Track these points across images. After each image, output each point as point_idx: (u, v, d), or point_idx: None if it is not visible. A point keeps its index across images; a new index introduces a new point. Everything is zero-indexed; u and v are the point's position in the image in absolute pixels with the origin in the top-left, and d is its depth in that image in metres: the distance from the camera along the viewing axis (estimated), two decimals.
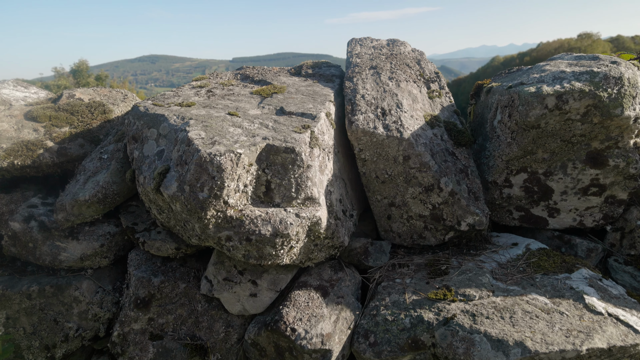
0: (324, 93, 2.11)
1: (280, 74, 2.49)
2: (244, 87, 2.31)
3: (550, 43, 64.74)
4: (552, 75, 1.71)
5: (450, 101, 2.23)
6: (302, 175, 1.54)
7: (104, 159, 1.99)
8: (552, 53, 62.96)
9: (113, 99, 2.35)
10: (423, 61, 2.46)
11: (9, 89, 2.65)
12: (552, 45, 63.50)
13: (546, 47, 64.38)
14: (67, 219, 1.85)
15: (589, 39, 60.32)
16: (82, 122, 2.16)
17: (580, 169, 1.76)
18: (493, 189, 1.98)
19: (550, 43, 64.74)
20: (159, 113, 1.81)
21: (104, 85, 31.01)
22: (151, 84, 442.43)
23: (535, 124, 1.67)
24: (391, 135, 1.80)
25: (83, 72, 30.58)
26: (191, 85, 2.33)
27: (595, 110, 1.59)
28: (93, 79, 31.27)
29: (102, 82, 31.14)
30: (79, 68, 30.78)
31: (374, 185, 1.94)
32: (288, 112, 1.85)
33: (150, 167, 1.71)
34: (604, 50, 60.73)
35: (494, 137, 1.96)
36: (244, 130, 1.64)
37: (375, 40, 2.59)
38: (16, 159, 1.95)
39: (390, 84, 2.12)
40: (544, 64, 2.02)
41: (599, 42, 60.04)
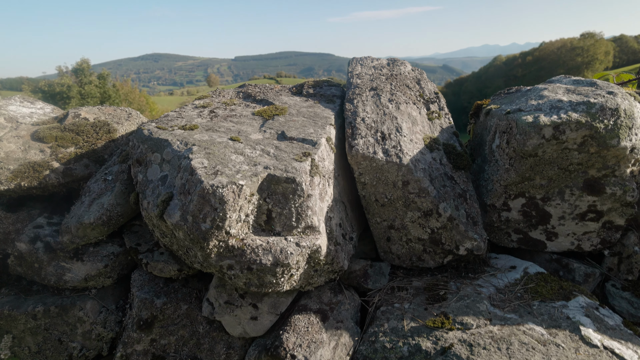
0: (324, 115, 2.14)
1: (281, 93, 2.51)
2: (246, 107, 2.34)
3: (553, 42, 64.48)
4: (550, 104, 1.73)
5: (449, 122, 2.25)
6: (303, 204, 1.57)
7: (109, 180, 2.02)
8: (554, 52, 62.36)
9: (117, 118, 2.39)
10: (423, 81, 2.48)
11: (16, 105, 2.69)
12: (554, 45, 63.26)
13: (549, 46, 64.14)
14: (72, 241, 1.89)
15: (592, 39, 60.04)
16: (87, 142, 2.20)
17: (578, 195, 1.78)
18: (491, 211, 2.00)
19: (553, 42, 64.48)
20: (162, 138, 1.84)
21: (106, 83, 31.11)
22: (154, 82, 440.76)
23: (532, 153, 1.69)
24: (390, 160, 1.82)
25: (85, 70, 30.74)
26: (194, 104, 2.36)
27: (592, 141, 1.61)
28: (95, 77, 31.41)
29: (104, 80, 31.26)
30: (80, 67, 30.93)
31: (374, 208, 1.97)
32: (289, 137, 1.87)
33: (154, 193, 1.74)
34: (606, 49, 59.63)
35: (493, 160, 1.98)
36: (245, 158, 1.67)
37: (376, 59, 2.61)
38: (23, 180, 1.99)
39: (390, 106, 2.14)
40: (542, 88, 2.04)
41: (602, 41, 59.78)
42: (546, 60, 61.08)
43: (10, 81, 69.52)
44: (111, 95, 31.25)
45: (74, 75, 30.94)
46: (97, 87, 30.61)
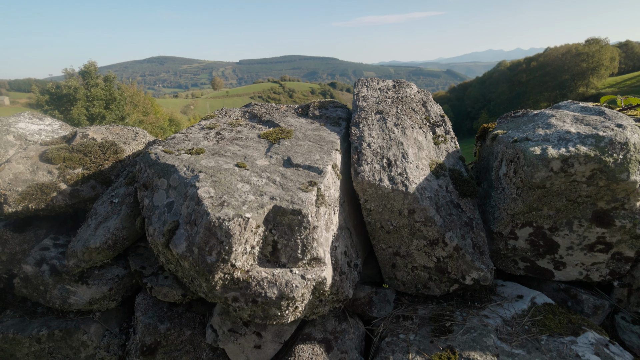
0: (330, 139, 2.14)
1: (287, 114, 2.52)
2: (252, 129, 2.35)
3: (558, 48, 64.35)
4: (558, 135, 1.72)
5: (455, 146, 2.24)
6: (309, 236, 1.56)
7: (115, 203, 2.03)
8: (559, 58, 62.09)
9: (125, 138, 2.40)
10: (429, 103, 2.48)
11: (25, 122, 2.71)
12: (559, 51, 63.11)
13: (553, 52, 64.00)
14: (78, 265, 1.89)
15: (597, 45, 59.85)
16: (95, 162, 2.21)
17: (587, 227, 1.76)
18: (498, 239, 1.99)
19: (558, 48, 64.35)
20: (169, 163, 1.85)
21: (112, 85, 31.39)
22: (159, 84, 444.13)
23: (540, 185, 1.68)
24: (396, 189, 1.81)
25: (92, 73, 31.04)
26: (200, 125, 2.36)
27: (600, 174, 1.59)
28: (101, 79, 31.71)
29: (110, 83, 31.56)
30: (88, 69, 31.25)
31: (379, 235, 1.96)
32: (295, 164, 1.87)
33: (160, 219, 1.74)
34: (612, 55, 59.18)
35: (499, 187, 1.97)
36: (252, 187, 1.67)
37: (382, 81, 2.61)
38: (31, 202, 2.00)
39: (396, 130, 2.14)
40: (549, 114, 2.03)
41: (607, 47, 59.56)
42: (551, 66, 60.85)
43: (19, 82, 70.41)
44: (117, 98, 31.50)
45: (81, 77, 31.25)
46: (103, 89, 30.88)
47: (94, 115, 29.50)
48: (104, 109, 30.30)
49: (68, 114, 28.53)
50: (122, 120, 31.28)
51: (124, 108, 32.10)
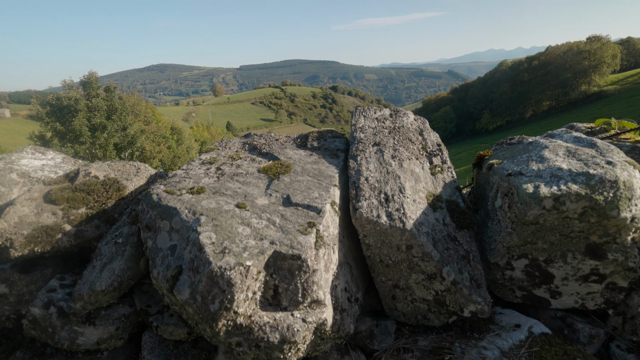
0: (328, 174, 2.18)
1: (286, 145, 2.57)
2: (251, 162, 2.40)
3: (559, 46, 64.28)
4: (550, 172, 1.76)
5: (452, 176, 2.28)
6: (309, 280, 1.60)
7: (119, 243, 2.08)
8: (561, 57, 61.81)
9: (127, 174, 2.45)
10: (425, 131, 2.52)
11: (28, 158, 2.78)
12: (560, 49, 63.04)
13: (554, 50, 63.94)
14: (84, 307, 1.94)
15: (599, 42, 59.76)
16: (98, 201, 2.26)
17: (580, 259, 1.80)
18: (495, 269, 2.02)
19: (559, 46, 64.28)
20: (171, 206, 1.90)
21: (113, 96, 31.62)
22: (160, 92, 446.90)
23: (534, 221, 1.72)
24: (394, 225, 1.86)
25: (93, 84, 31.26)
26: (201, 160, 2.42)
27: (592, 212, 1.63)
28: (102, 90, 31.95)
29: (111, 93, 31.78)
30: (88, 80, 31.48)
31: (378, 268, 2.00)
32: (294, 203, 1.92)
33: (163, 263, 1.79)
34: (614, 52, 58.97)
35: (495, 219, 2.01)
36: (252, 230, 1.71)
37: (379, 110, 2.66)
38: (36, 245, 2.05)
39: (394, 163, 2.18)
40: (543, 145, 2.06)
41: (609, 44, 59.46)
42: (552, 64, 60.74)
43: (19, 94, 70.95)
44: (118, 109, 31.66)
45: (82, 88, 31.48)
46: (104, 100, 31.09)
47: (96, 125, 29.67)
48: (105, 119, 30.49)
49: (70, 126, 28.75)
50: (123, 130, 31.45)
51: (125, 118, 32.29)
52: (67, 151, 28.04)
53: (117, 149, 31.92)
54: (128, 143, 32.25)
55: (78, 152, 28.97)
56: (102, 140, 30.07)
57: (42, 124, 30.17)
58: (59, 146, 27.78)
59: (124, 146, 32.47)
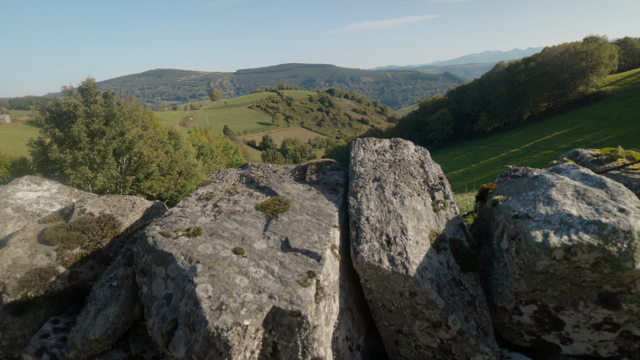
0: (328, 212, 2.12)
1: (284, 178, 2.50)
2: (249, 197, 2.33)
3: (556, 47, 64.48)
4: (559, 218, 1.70)
5: (455, 213, 2.22)
6: (309, 337, 1.54)
7: (114, 286, 2.01)
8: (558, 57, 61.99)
9: (122, 210, 2.39)
10: (427, 163, 2.46)
11: (23, 190, 2.71)
12: (557, 50, 63.24)
13: (551, 51, 64.13)
14: (77, 357, 1.87)
15: (596, 43, 59.94)
16: (93, 240, 2.20)
17: (592, 308, 1.73)
18: (502, 313, 1.96)
19: (556, 47, 64.48)
20: (167, 251, 1.83)
21: (111, 101, 31.60)
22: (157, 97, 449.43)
23: (543, 271, 1.66)
24: (397, 271, 1.79)
25: (91, 90, 31.28)
26: (197, 195, 2.35)
27: (605, 263, 1.57)
28: (101, 96, 31.95)
29: (109, 99, 31.78)
30: (87, 87, 31.51)
31: (381, 312, 1.93)
32: (293, 248, 1.85)
33: (158, 313, 1.73)
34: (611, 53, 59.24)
35: (502, 261, 1.94)
36: (250, 281, 1.65)
37: (379, 141, 2.60)
38: (29, 290, 1.99)
39: (395, 201, 2.12)
40: (550, 182, 2.00)
41: (606, 45, 59.64)
42: (549, 65, 60.82)
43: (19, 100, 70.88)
44: (116, 114, 31.64)
45: (81, 94, 31.46)
46: (103, 106, 31.07)
47: (94, 131, 29.65)
48: (103, 125, 30.47)
49: (69, 131, 28.71)
50: (121, 136, 31.43)
51: (123, 124, 32.27)
52: (65, 157, 28.01)
53: (115, 154, 31.88)
54: (126, 148, 32.23)
55: (77, 158, 28.94)
56: (101, 146, 30.04)
57: (42, 130, 30.16)
58: (58, 152, 27.73)
59: (121, 151, 32.44)
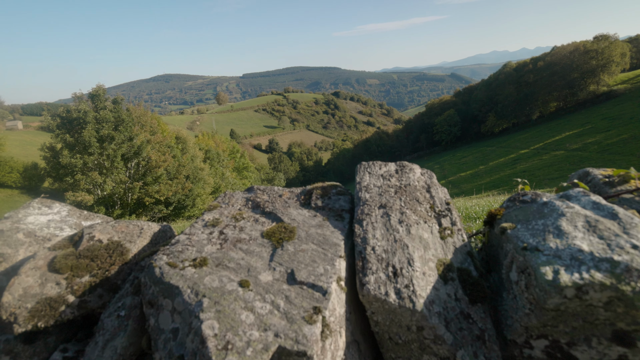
0: (334, 241, 2.11)
1: (289, 203, 2.50)
2: (255, 223, 2.34)
3: (565, 46, 63.55)
4: (570, 253, 1.66)
5: (462, 240, 2.19)
6: None
7: (122, 316, 2.03)
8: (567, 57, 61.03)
9: (130, 236, 2.41)
10: (433, 187, 2.44)
11: (34, 214, 2.76)
12: (566, 49, 62.31)
13: (561, 50, 63.22)
14: None
15: (606, 41, 58.89)
16: (101, 268, 2.22)
17: (606, 345, 1.69)
18: (512, 346, 1.92)
19: (565, 46, 63.55)
20: (173, 284, 1.84)
21: (120, 107, 32.11)
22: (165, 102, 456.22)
23: (554, 309, 1.62)
24: (403, 305, 1.77)
25: (100, 96, 31.89)
26: (204, 221, 2.36)
27: (618, 302, 1.53)
28: (110, 102, 32.52)
29: (119, 105, 32.33)
30: (96, 93, 32.12)
31: (388, 345, 1.91)
32: (299, 281, 1.85)
33: (165, 347, 1.74)
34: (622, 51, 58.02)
35: (511, 292, 1.91)
36: (256, 318, 1.65)
37: (384, 165, 2.58)
38: (40, 320, 2.01)
39: (401, 229, 2.10)
40: (560, 210, 1.96)
41: (617, 43, 58.56)
42: (559, 64, 59.92)
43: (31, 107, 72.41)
44: (125, 120, 32.17)
45: (90, 100, 32.07)
46: (112, 111, 31.60)
47: (104, 137, 30.18)
48: (113, 130, 30.99)
49: (79, 137, 29.26)
50: (130, 141, 31.92)
51: (132, 129, 32.77)
52: (76, 162, 28.51)
53: (123, 159, 32.38)
54: (134, 153, 32.73)
55: (87, 163, 29.42)
56: (111, 151, 30.53)
57: (53, 136, 30.79)
58: (69, 157, 28.25)
59: (130, 156, 32.93)
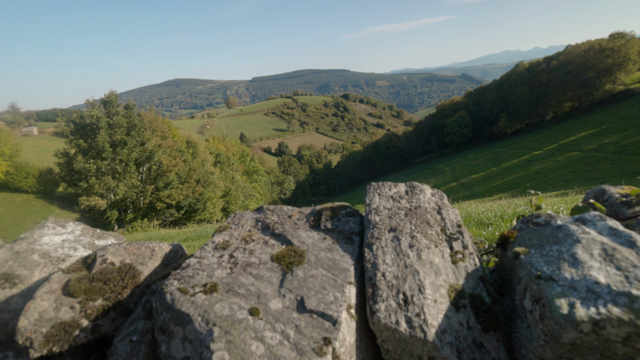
0: (343, 266, 2.10)
1: (299, 224, 2.50)
2: (264, 245, 2.34)
3: (579, 45, 62.26)
4: (586, 285, 1.62)
5: (474, 264, 2.16)
6: None
7: (134, 341, 2.05)
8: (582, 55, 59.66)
9: (142, 258, 2.45)
10: (444, 208, 2.41)
11: (49, 234, 2.82)
12: (581, 47, 61.06)
13: (575, 49, 61.97)
14: None
15: (622, 39, 57.50)
16: (114, 292, 2.26)
17: None
18: None
19: (579, 45, 62.26)
20: (184, 312, 1.86)
21: (132, 113, 32.71)
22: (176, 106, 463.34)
23: (570, 343, 1.58)
24: (414, 335, 1.75)
25: (113, 102, 32.61)
26: (214, 243, 2.38)
27: (637, 337, 1.49)
28: (122, 107, 33.22)
29: (130, 110, 32.98)
30: (109, 99, 32.86)
31: None
32: (309, 309, 1.84)
33: None
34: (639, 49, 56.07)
35: (525, 320, 1.87)
36: (266, 349, 1.65)
37: (394, 186, 2.57)
38: (54, 345, 2.05)
39: (411, 254, 2.08)
40: (575, 236, 1.92)
41: (634, 40, 57.08)
42: (573, 64, 58.71)
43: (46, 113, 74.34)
44: (136, 125, 32.78)
45: (103, 106, 32.81)
46: (124, 117, 32.23)
47: (116, 142, 30.81)
48: (125, 135, 31.60)
49: (93, 142, 29.92)
50: (142, 146, 32.49)
51: (143, 134, 33.34)
52: (89, 167, 29.10)
53: (136, 163, 32.92)
54: (146, 158, 33.27)
55: (100, 168, 29.98)
56: (124, 156, 31.08)
57: (67, 141, 31.52)
58: (83, 162, 28.87)
59: (142, 161, 33.47)
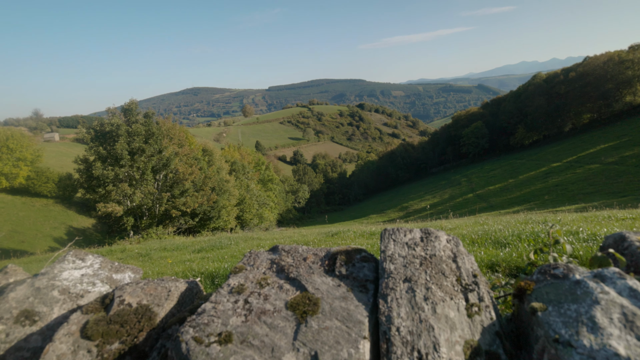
0: (357, 318, 2.10)
1: (314, 268, 2.52)
2: (279, 290, 2.37)
3: (598, 57, 61.05)
4: (605, 356, 1.58)
5: (491, 319, 2.12)
6: None
7: None
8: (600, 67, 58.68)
9: (158, 298, 2.50)
10: (459, 257, 2.39)
11: (69, 268, 2.91)
12: (600, 59, 59.86)
13: (593, 61, 60.78)
14: None
15: None
16: (130, 335, 2.31)
17: None
18: None
19: (598, 57, 61.05)
20: None
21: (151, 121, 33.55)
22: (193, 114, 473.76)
23: None
24: None
25: (133, 110, 33.60)
26: (229, 287, 2.42)
27: None
28: (141, 116, 34.17)
29: (149, 118, 33.87)
30: (129, 107, 33.88)
31: None
32: None
33: None
34: None
35: None
36: None
37: (409, 232, 2.56)
38: None
39: (426, 308, 2.07)
40: (594, 294, 1.87)
41: None
42: (592, 75, 57.47)
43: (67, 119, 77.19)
44: (155, 133, 33.58)
45: (123, 114, 33.84)
46: (143, 125, 33.10)
47: (134, 149, 31.62)
48: (143, 143, 32.42)
49: (112, 149, 30.80)
50: (159, 154, 33.23)
51: (161, 142, 34.12)
52: (108, 174, 29.89)
53: (152, 171, 33.66)
54: (163, 165, 33.98)
55: (118, 175, 30.72)
56: (141, 163, 31.83)
57: (87, 148, 32.51)
58: (101, 169, 29.68)
59: (159, 168, 34.20)
